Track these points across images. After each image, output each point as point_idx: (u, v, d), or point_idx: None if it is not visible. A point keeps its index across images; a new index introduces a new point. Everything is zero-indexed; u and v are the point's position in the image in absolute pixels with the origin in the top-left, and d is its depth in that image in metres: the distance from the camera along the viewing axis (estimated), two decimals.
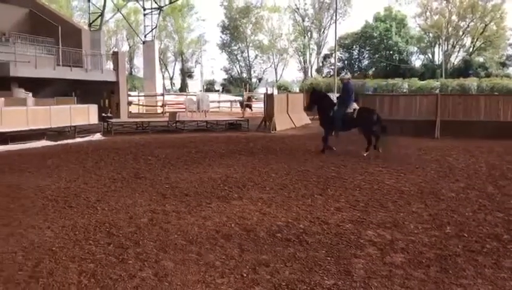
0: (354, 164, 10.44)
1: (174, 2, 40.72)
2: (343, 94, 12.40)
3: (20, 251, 4.74)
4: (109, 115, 22.90)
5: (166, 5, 40.39)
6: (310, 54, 67.78)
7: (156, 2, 38.56)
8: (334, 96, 18.69)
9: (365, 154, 11.55)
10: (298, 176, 9.05)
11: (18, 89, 19.65)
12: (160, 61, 53.69)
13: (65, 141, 15.83)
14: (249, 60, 70.15)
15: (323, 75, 61.00)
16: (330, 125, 12.21)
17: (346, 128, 12.39)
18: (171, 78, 72.47)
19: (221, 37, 70.52)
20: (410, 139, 14.81)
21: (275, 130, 18.94)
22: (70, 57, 25.17)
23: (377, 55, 60.84)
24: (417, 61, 63.27)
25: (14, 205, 6.68)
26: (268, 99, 20.21)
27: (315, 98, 12.84)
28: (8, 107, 15.45)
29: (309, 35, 67.34)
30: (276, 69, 69.82)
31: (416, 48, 62.99)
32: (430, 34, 60.55)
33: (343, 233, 5.44)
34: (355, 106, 12.21)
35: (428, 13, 60.39)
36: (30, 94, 18.98)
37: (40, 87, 22.40)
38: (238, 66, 71.51)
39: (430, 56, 62.04)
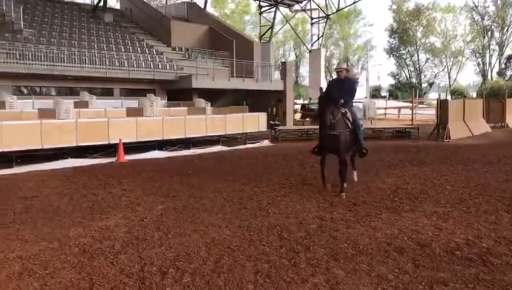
0: None
1: (342, 9, 40.72)
2: (350, 93, 8.43)
3: (203, 246, 5.19)
4: (277, 122, 23.91)
5: (333, 13, 40.67)
6: (490, 56, 61.64)
7: (323, 11, 39.15)
8: None
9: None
10: (478, 189, 8.23)
11: (198, 99, 21.79)
12: (325, 69, 54.27)
13: (237, 147, 17.00)
14: (418, 64, 66.69)
15: (506, 78, 54.78)
16: (354, 142, 8.31)
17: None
18: None
19: (388, 41, 68.47)
20: None
21: (449, 138, 17.63)
22: (243, 69, 26.99)
23: None
24: None
25: (197, 204, 7.37)
26: (442, 105, 18.90)
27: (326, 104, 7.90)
28: (190, 116, 17.21)
29: (489, 35, 61.23)
30: (449, 73, 65.13)
31: None
32: None
33: None
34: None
35: None
36: (209, 104, 20.86)
37: (216, 97, 24.51)
38: (406, 71, 68.52)
39: None
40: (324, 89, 8.76)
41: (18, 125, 12.17)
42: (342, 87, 8.25)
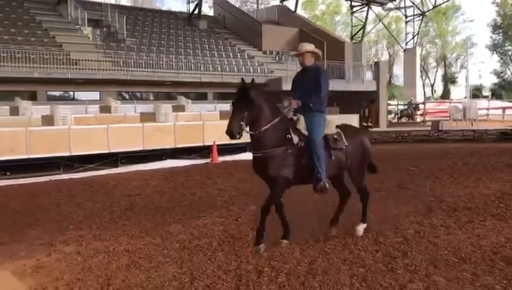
0: None
1: (439, 5, 38.74)
2: (315, 91, 5.57)
3: (297, 247, 5.22)
4: (369, 124, 23.34)
5: (429, 10, 38.81)
6: None
7: (418, 8, 37.54)
8: None
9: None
10: None
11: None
12: (421, 68, 52.01)
13: None
14: None
15: None
16: (299, 169, 5.50)
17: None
18: (432, 85, 69.12)
19: (491, 37, 63.81)
20: None
21: None
22: (335, 70, 26.68)
23: None
24: None
25: (288, 205, 7.39)
26: None
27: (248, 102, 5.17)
28: None
29: None
30: None
31: None
32: None
33: None
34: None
35: None
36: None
37: None
38: None
39: None
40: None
41: (123, 128, 13.13)
42: (307, 83, 5.60)
